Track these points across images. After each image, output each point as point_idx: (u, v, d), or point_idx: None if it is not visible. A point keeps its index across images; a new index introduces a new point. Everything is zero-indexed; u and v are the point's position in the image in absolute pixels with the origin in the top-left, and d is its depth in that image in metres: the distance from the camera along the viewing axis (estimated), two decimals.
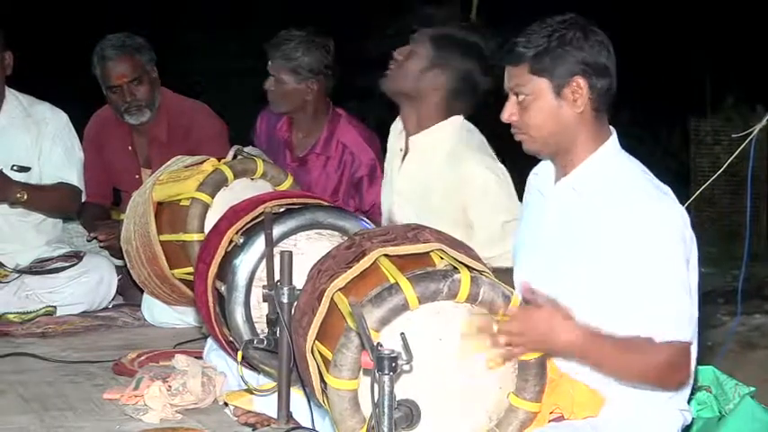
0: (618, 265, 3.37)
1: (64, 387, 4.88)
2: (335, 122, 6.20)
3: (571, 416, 3.39)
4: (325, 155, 6.15)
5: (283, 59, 6.06)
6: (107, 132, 6.67)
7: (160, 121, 6.53)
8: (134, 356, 5.11)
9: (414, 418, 3.04)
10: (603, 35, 3.54)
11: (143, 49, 6.44)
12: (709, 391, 4.22)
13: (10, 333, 5.87)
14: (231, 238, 4.32)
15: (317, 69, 6.11)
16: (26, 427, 4.30)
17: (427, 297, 3.14)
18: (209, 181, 5.27)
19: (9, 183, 6.06)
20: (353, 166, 6.11)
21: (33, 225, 6.34)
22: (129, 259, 5.65)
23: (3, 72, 6.21)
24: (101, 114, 6.74)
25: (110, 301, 6.42)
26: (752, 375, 5.93)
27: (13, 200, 6.08)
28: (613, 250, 3.39)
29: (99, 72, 6.43)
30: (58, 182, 6.31)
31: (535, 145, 3.59)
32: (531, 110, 3.53)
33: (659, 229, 3.40)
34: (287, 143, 6.26)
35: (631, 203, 3.43)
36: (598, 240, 3.42)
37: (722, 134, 12.15)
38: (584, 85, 3.49)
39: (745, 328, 8.24)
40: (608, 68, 3.52)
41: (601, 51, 3.51)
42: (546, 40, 3.49)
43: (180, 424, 4.25)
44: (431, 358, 3.14)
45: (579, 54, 3.48)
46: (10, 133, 6.22)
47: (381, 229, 3.68)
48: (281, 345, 3.97)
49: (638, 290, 3.36)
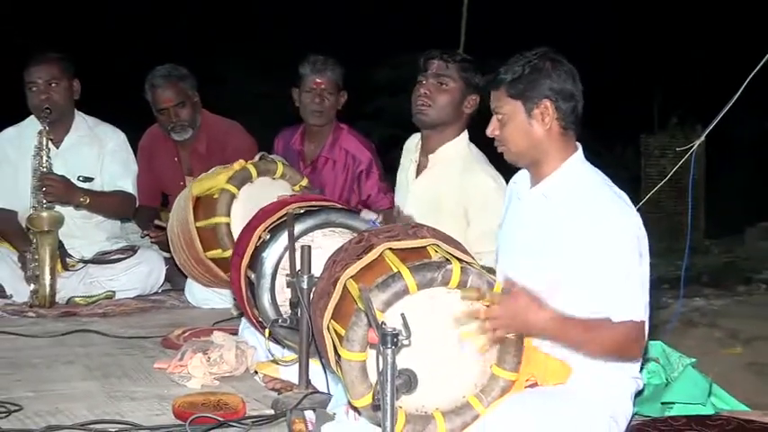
0: (582, 259, 3.37)
1: (121, 358, 4.87)
2: (338, 133, 6.26)
3: (544, 383, 3.38)
4: (332, 158, 6.21)
5: (334, 76, 6.15)
6: (157, 146, 6.69)
7: (200, 136, 6.54)
8: (179, 333, 5.11)
9: (412, 385, 3.03)
10: (570, 66, 3.55)
11: (186, 77, 6.45)
12: (657, 361, 4.21)
13: (77, 313, 5.88)
14: (260, 235, 4.33)
15: (342, 85, 6.21)
16: (90, 391, 4.29)
17: (424, 284, 3.13)
18: (237, 176, 5.33)
19: (74, 189, 6.07)
20: (354, 165, 6.19)
21: (96, 224, 6.34)
22: (172, 245, 5.66)
23: (72, 97, 6.23)
24: (151, 131, 6.76)
25: (159, 287, 6.43)
26: (692, 348, 5.91)
27: (76, 203, 6.10)
28: (578, 246, 3.38)
29: (150, 97, 6.45)
30: (117, 190, 6.31)
31: (512, 156, 3.60)
32: (508, 127, 3.55)
33: (617, 230, 3.40)
34: (300, 153, 6.30)
35: (594, 207, 3.43)
36: (566, 238, 3.42)
37: (667, 149, 12.12)
38: (550, 107, 3.50)
39: (687, 309, 8.24)
40: (573, 94, 3.53)
41: (567, 79, 3.52)
42: (521, 68, 3.51)
43: (217, 389, 4.24)
44: (426, 335, 3.13)
45: (548, 81, 3.50)
46: (78, 149, 6.22)
47: (386, 227, 3.67)
48: (302, 323, 3.97)
49: (600, 279, 3.36)
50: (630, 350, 3.44)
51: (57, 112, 6.08)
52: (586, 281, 3.36)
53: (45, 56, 6.17)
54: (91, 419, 3.80)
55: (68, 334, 5.36)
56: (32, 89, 6.10)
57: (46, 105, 6.01)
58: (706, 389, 4.04)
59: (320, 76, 6.11)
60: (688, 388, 3.99)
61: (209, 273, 5.53)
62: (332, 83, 6.14)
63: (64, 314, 5.83)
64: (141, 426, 3.72)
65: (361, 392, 3.11)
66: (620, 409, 3.50)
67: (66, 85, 6.17)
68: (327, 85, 6.13)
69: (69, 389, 4.33)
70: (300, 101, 6.18)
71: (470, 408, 3.24)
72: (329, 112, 6.18)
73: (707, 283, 9.98)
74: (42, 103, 6.03)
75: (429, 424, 3.19)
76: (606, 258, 3.36)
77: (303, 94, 6.15)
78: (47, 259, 5.89)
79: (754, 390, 5.91)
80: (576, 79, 3.54)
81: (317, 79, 6.11)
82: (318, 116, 6.16)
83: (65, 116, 6.20)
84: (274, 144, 6.47)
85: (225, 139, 6.55)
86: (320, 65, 6.12)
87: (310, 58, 6.17)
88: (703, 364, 4.45)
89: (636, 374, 3.59)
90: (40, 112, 6.03)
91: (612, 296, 3.35)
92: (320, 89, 6.11)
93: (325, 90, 6.12)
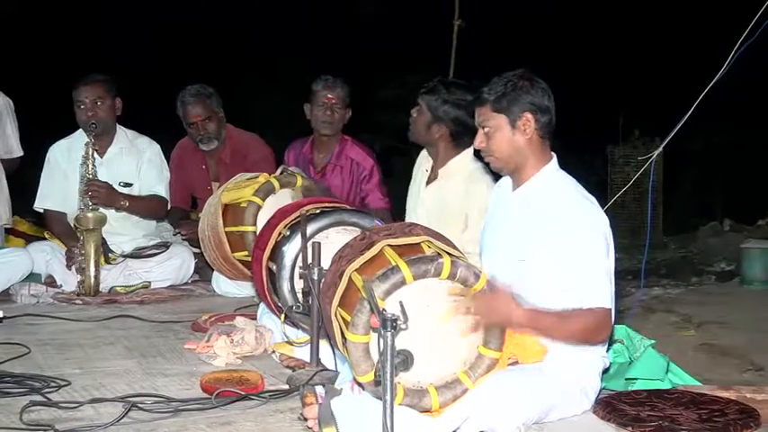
0: (556, 253, 3.38)
1: (156, 340, 4.86)
2: (344, 143, 6.29)
3: (524, 361, 3.37)
4: (339, 165, 6.24)
5: (343, 93, 6.20)
6: (187, 156, 6.70)
7: (225, 147, 6.57)
8: (206, 318, 5.09)
9: (409, 363, 3.02)
10: (545, 84, 3.58)
11: (213, 95, 6.48)
12: (622, 343, 4.20)
13: (117, 301, 5.86)
14: (280, 231, 4.33)
15: (348, 102, 6.26)
16: (130, 369, 4.28)
17: (419, 275, 3.12)
18: (262, 188, 5.34)
19: (116, 194, 6.07)
20: (358, 171, 6.22)
21: (134, 223, 6.33)
22: (203, 245, 5.67)
23: (114, 114, 6.22)
24: (182, 143, 6.78)
25: (189, 278, 6.41)
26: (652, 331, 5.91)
27: (118, 206, 6.10)
28: (553, 242, 3.39)
29: (181, 112, 6.49)
30: (152, 194, 6.31)
31: (498, 164, 3.61)
32: (494, 138, 3.56)
33: (587, 227, 3.41)
34: (311, 161, 6.33)
35: (567, 208, 3.44)
36: (542, 235, 3.42)
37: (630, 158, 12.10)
38: (531, 119, 3.51)
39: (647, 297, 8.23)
40: (549, 107, 3.55)
41: (543, 95, 3.54)
42: (503, 87, 3.53)
43: (239, 367, 4.23)
44: (421, 320, 3.12)
45: (527, 96, 3.52)
46: (119, 158, 6.21)
47: (385, 226, 3.65)
48: (313, 310, 3.96)
49: (572, 270, 3.36)
50: (599, 334, 3.44)
51: (101, 126, 6.08)
52: (560, 273, 3.37)
53: (92, 77, 6.18)
54: (130, 393, 3.79)
55: (110, 319, 5.34)
56: (81, 107, 6.11)
57: (92, 121, 6.02)
58: (664, 366, 4.03)
59: (331, 92, 6.15)
60: (648, 366, 3.99)
61: (235, 269, 5.54)
62: (341, 98, 6.18)
63: (106, 301, 5.82)
64: (173, 398, 3.70)
65: (365, 370, 3.10)
66: (590, 384, 3.51)
67: (109, 104, 6.17)
68: (337, 100, 6.18)
69: (111, 366, 4.32)
70: (312, 114, 6.21)
71: (460, 383, 3.23)
72: (338, 124, 6.22)
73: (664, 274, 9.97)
74: (89, 120, 6.04)
75: (424, 397, 3.17)
76: (577, 252, 3.37)
77: (315, 107, 6.19)
78: (92, 254, 5.88)
79: (705, 367, 5.90)
80: (551, 95, 3.56)
81: (328, 95, 6.15)
82: (329, 127, 6.19)
83: (108, 130, 6.20)
84: (285, 155, 6.49)
85: (246, 150, 6.58)
86: (331, 82, 6.17)
87: (322, 77, 6.23)
88: (661, 345, 4.45)
89: (603, 354, 3.60)
90: (87, 127, 6.04)
91: (583, 286, 3.35)
92: (331, 103, 6.15)
93: (335, 104, 6.17)
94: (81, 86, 6.12)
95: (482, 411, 3.15)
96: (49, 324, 5.22)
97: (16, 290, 5.84)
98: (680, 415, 3.41)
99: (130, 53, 13.42)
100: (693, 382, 4.09)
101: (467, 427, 3.16)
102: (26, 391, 3.80)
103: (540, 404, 3.30)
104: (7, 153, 6.70)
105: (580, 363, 3.47)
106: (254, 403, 3.68)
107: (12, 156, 6.74)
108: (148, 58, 14.67)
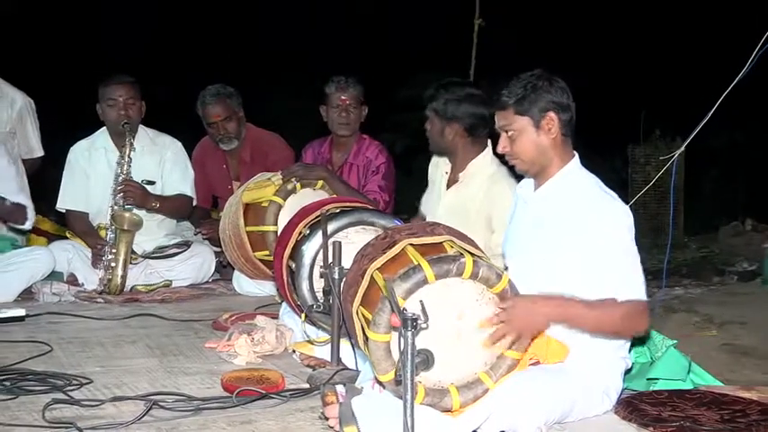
0: (585, 249, 3.35)
1: (177, 338, 4.87)
2: (362, 142, 6.28)
3: (545, 361, 3.36)
4: (356, 164, 6.24)
5: (356, 92, 6.19)
6: (208, 155, 6.75)
7: (245, 146, 6.62)
8: (227, 316, 5.10)
9: (430, 363, 3.02)
10: (563, 83, 3.56)
11: (232, 95, 6.53)
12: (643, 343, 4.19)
13: (139, 299, 5.89)
14: (300, 230, 4.33)
15: (363, 99, 6.24)
16: (151, 367, 4.29)
17: (441, 275, 3.11)
18: (283, 189, 5.38)
19: (148, 195, 6.11)
20: (371, 167, 6.18)
21: (156, 222, 6.35)
22: (224, 245, 5.70)
23: (140, 116, 6.23)
24: (203, 143, 6.83)
25: (210, 277, 6.43)
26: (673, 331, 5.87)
27: (149, 207, 6.12)
28: (580, 238, 3.37)
29: (201, 112, 6.54)
30: (178, 193, 6.33)
31: (524, 165, 3.59)
32: (518, 141, 3.54)
33: (614, 219, 3.39)
34: (329, 160, 6.32)
35: (591, 202, 3.44)
36: (568, 233, 3.41)
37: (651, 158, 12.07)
38: (554, 117, 3.50)
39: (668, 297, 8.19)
40: (569, 105, 3.53)
41: (563, 94, 3.52)
42: (523, 89, 3.50)
43: (260, 366, 4.23)
44: (442, 319, 3.12)
45: (548, 96, 3.49)
46: (141, 157, 6.22)
47: (407, 225, 3.66)
48: (334, 308, 3.96)
49: (603, 265, 3.34)
50: (634, 327, 3.42)
51: (132, 126, 6.11)
52: (588, 269, 3.35)
53: (123, 78, 6.21)
54: (151, 391, 3.80)
55: (132, 317, 5.37)
56: (111, 105, 6.11)
57: (125, 121, 6.06)
58: (686, 367, 4.01)
59: (344, 94, 6.14)
60: (670, 366, 3.97)
61: (256, 269, 5.57)
62: (355, 98, 6.16)
63: (128, 300, 5.84)
64: (194, 397, 3.71)
65: (386, 369, 3.10)
66: (612, 384, 3.50)
67: (139, 105, 6.20)
68: (351, 101, 6.15)
69: (132, 365, 4.33)
70: (328, 116, 6.21)
71: (481, 383, 3.22)
72: (354, 124, 6.21)
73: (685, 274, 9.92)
74: (121, 119, 6.07)
75: (445, 397, 3.17)
76: (608, 246, 3.35)
77: (330, 110, 6.17)
78: (122, 253, 5.91)
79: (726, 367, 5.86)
80: (569, 93, 3.55)
81: (341, 96, 6.14)
82: (345, 128, 6.19)
83: (134, 131, 6.22)
84: (302, 154, 6.49)
85: (267, 149, 6.61)
86: (343, 83, 6.15)
87: (334, 79, 6.20)
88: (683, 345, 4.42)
89: (625, 354, 3.59)
90: (118, 126, 6.07)
91: (616, 278, 3.33)
92: (345, 105, 6.14)
93: (349, 105, 6.15)
94: (113, 85, 6.13)
95: (503, 411, 3.14)
96: (71, 322, 5.25)
97: (38, 288, 5.87)
98: (701, 415, 3.39)
99: (130, 53, 13.43)
100: (715, 383, 4.07)
101: (487, 426, 3.16)
102: (48, 388, 3.82)
103: (561, 404, 3.29)
104: (28, 153, 6.74)
105: (602, 363, 3.46)
106: (275, 402, 3.69)
107: (32, 156, 6.78)
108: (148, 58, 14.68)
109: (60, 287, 5.93)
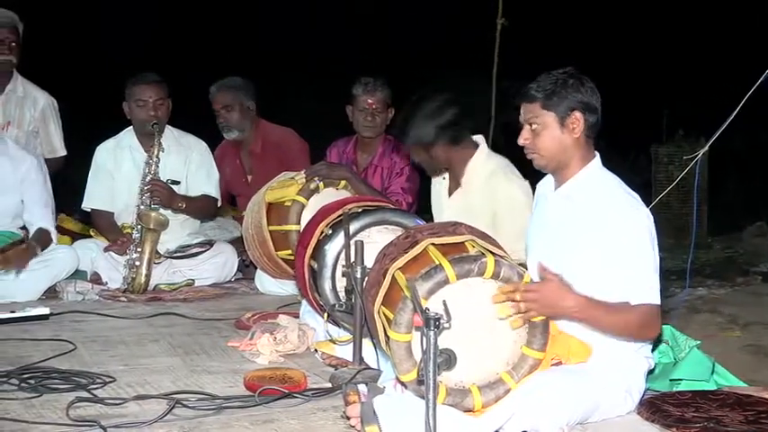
0: (603, 250, 3.35)
1: (199, 337, 4.88)
2: (387, 144, 6.24)
3: (567, 362, 3.35)
4: (381, 166, 6.22)
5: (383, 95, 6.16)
6: (225, 154, 6.86)
7: (256, 140, 6.73)
8: (249, 316, 5.11)
9: (452, 363, 3.02)
10: (592, 83, 3.53)
11: (240, 87, 6.63)
12: (667, 343, 4.16)
13: (162, 298, 5.90)
14: (322, 230, 4.34)
15: (390, 102, 6.21)
16: (174, 366, 4.30)
17: (463, 274, 3.12)
18: (306, 188, 5.40)
19: (175, 195, 6.14)
20: (396, 169, 6.16)
21: (179, 222, 6.35)
22: (247, 243, 5.73)
23: (167, 115, 6.26)
24: (223, 143, 6.88)
25: (232, 276, 6.44)
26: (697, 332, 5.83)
27: (175, 207, 6.15)
28: (599, 239, 3.36)
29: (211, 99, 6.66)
30: (202, 194, 6.36)
31: (543, 161, 3.56)
32: (541, 135, 3.51)
33: (632, 223, 3.38)
34: (354, 161, 6.32)
35: (611, 204, 3.42)
36: (587, 233, 3.40)
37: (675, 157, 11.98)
38: (580, 118, 3.47)
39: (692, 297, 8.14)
40: (596, 107, 3.51)
41: (592, 95, 3.50)
42: (552, 85, 3.48)
43: (282, 365, 4.24)
44: (464, 319, 3.12)
45: (577, 95, 3.47)
46: (166, 156, 6.21)
47: (429, 225, 3.66)
48: (356, 308, 3.97)
49: (619, 267, 3.33)
50: (649, 331, 3.42)
51: (161, 127, 6.15)
52: (606, 270, 3.34)
53: (152, 77, 6.22)
54: (174, 390, 3.81)
55: (155, 316, 5.38)
56: (141, 105, 6.13)
57: (154, 121, 6.09)
58: (709, 367, 4.00)
59: (371, 97, 6.11)
60: (693, 367, 3.95)
61: (279, 268, 5.58)
62: (381, 102, 6.14)
63: (151, 299, 5.86)
64: (217, 396, 3.72)
65: (408, 369, 3.10)
66: (635, 385, 3.48)
67: (167, 105, 6.22)
68: (378, 104, 6.13)
69: (156, 363, 4.35)
70: (354, 118, 6.19)
71: (503, 383, 3.22)
72: (380, 126, 6.19)
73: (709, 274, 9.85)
74: (151, 119, 6.10)
75: (467, 397, 3.17)
76: (624, 248, 3.33)
77: (356, 112, 6.16)
78: (147, 252, 5.94)
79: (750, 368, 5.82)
80: (599, 96, 3.52)
81: (368, 99, 6.11)
82: (371, 130, 6.18)
83: (162, 131, 6.23)
84: (327, 152, 6.48)
85: (279, 141, 6.71)
86: (371, 86, 6.12)
87: (362, 80, 6.16)
88: (706, 345, 4.40)
89: (648, 354, 3.58)
90: (147, 127, 6.10)
91: (631, 282, 3.33)
92: (372, 108, 6.12)
93: (376, 109, 6.13)
94: (143, 85, 6.15)
95: (526, 411, 3.14)
96: (95, 321, 5.27)
97: (62, 287, 5.89)
98: (725, 416, 3.38)
99: (130, 53, 13.45)
100: (739, 384, 4.05)
101: (510, 426, 3.15)
102: (72, 387, 3.84)
103: (583, 404, 3.28)
104: (51, 153, 6.77)
105: (625, 363, 3.45)
106: (297, 401, 3.69)
107: (55, 155, 6.81)
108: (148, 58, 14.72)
109: (84, 286, 5.95)
